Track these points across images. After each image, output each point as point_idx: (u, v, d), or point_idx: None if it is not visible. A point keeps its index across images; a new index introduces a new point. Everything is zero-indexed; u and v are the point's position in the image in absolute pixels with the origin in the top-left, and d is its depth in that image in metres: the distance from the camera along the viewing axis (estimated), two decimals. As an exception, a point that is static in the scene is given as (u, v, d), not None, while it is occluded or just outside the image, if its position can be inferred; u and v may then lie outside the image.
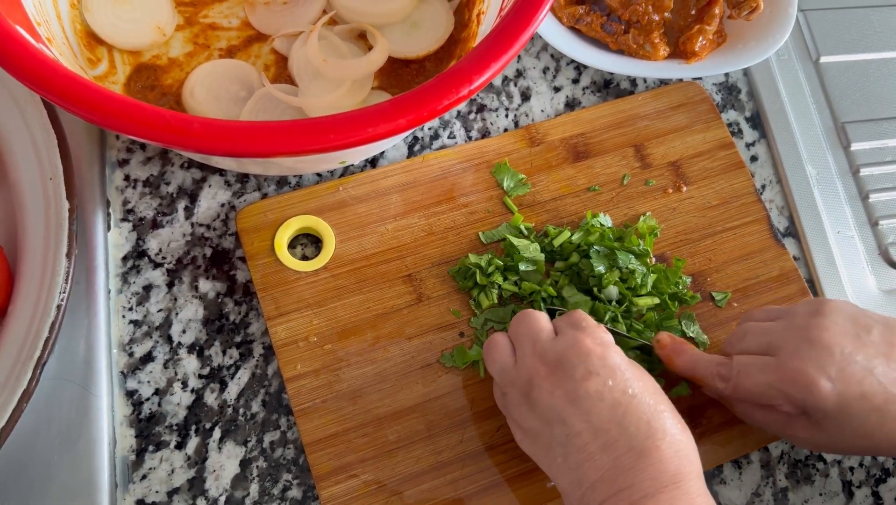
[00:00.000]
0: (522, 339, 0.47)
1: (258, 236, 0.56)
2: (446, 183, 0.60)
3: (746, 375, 0.47)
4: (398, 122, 0.43)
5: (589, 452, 0.42)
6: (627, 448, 0.42)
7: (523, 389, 0.46)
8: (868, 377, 0.44)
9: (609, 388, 0.43)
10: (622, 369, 0.44)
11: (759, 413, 0.49)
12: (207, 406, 0.53)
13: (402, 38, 0.62)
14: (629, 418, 0.42)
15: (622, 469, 0.41)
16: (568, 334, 0.46)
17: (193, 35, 0.62)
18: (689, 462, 0.42)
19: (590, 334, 0.45)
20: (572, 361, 0.44)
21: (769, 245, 0.61)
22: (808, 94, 0.69)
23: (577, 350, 0.44)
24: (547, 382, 0.44)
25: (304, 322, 0.54)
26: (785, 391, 0.46)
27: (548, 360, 0.45)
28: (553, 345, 0.46)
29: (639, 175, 0.62)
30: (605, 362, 0.44)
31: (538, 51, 0.67)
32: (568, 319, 0.48)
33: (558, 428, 0.44)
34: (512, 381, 0.47)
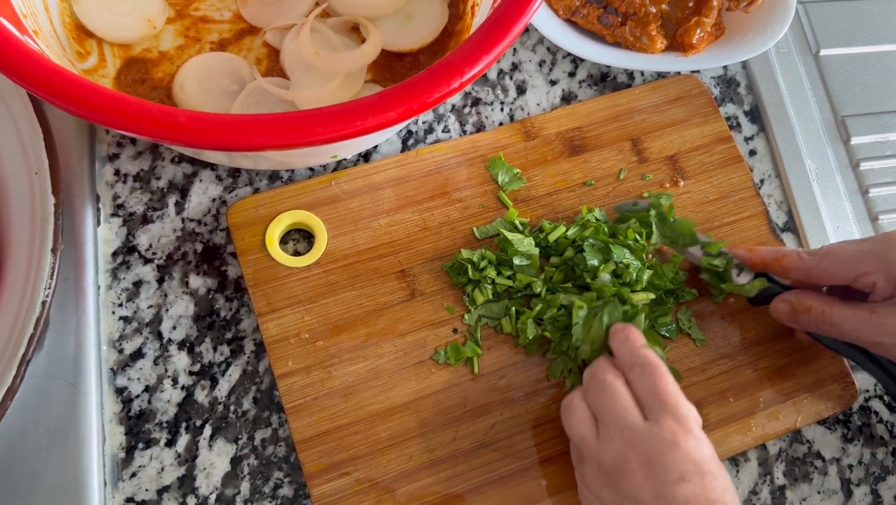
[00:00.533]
0: (605, 414, 0.46)
1: (249, 232, 0.55)
2: (440, 178, 0.59)
3: (841, 247, 0.47)
4: (388, 115, 0.42)
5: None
6: None
7: (607, 470, 0.45)
8: None
9: (696, 494, 0.42)
10: (713, 474, 0.43)
11: (839, 309, 0.48)
12: (198, 403, 0.52)
13: (395, 30, 0.61)
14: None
15: None
16: (663, 427, 0.44)
17: (184, 28, 0.61)
18: None
19: (685, 428, 0.44)
20: (667, 463, 0.43)
21: (767, 240, 0.60)
22: (808, 87, 0.68)
23: (673, 451, 0.43)
24: (637, 476, 0.43)
25: (295, 318, 0.53)
26: (883, 254, 0.45)
27: (640, 451, 0.44)
28: (647, 436, 0.44)
29: (635, 169, 0.61)
30: (700, 468, 0.43)
31: (534, 44, 0.67)
32: (656, 395, 0.45)
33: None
34: (594, 453, 0.46)
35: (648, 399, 0.45)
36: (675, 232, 0.56)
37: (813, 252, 0.49)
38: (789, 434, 0.56)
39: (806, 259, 0.49)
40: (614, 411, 0.45)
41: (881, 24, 0.72)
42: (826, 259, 0.48)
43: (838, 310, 0.48)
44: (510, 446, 0.52)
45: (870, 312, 0.47)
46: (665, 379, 0.46)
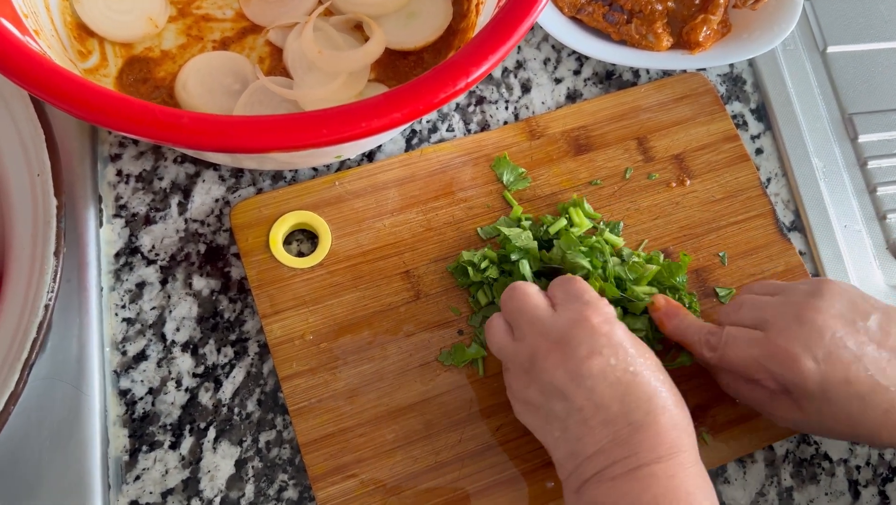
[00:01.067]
0: (517, 316, 0.47)
1: (253, 232, 0.55)
2: (445, 177, 0.58)
3: (734, 346, 0.48)
4: (393, 116, 0.42)
5: (589, 426, 0.43)
6: (626, 423, 0.42)
7: (525, 365, 0.46)
8: (855, 364, 0.44)
9: (612, 366, 0.43)
10: (625, 347, 0.44)
11: (744, 387, 0.49)
12: (202, 405, 0.52)
13: (399, 28, 0.60)
14: (630, 396, 0.43)
15: (620, 442, 0.42)
16: (571, 309, 0.46)
17: (186, 27, 0.60)
18: (686, 435, 0.43)
19: (594, 310, 0.45)
20: (576, 340, 0.44)
21: (774, 240, 0.60)
22: (815, 84, 0.68)
23: (581, 328, 0.44)
24: (550, 360, 0.44)
25: (299, 320, 0.53)
26: (769, 367, 0.46)
27: (551, 337, 0.45)
28: (556, 321, 0.45)
29: (642, 168, 0.61)
30: (611, 340, 0.44)
31: (539, 42, 0.66)
32: (565, 289, 0.47)
33: (559, 403, 0.44)
34: (513, 357, 0.47)
35: (559, 295, 0.47)
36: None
37: (712, 347, 0.49)
38: (797, 435, 0.56)
39: (707, 355, 0.49)
40: (525, 310, 0.47)
41: (889, 21, 0.71)
42: (724, 359, 0.48)
43: (743, 388, 0.50)
44: (516, 448, 0.52)
45: (769, 398, 0.48)
46: (579, 280, 0.48)
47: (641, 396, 0.43)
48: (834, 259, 0.61)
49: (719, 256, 0.59)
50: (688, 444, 0.43)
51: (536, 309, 0.46)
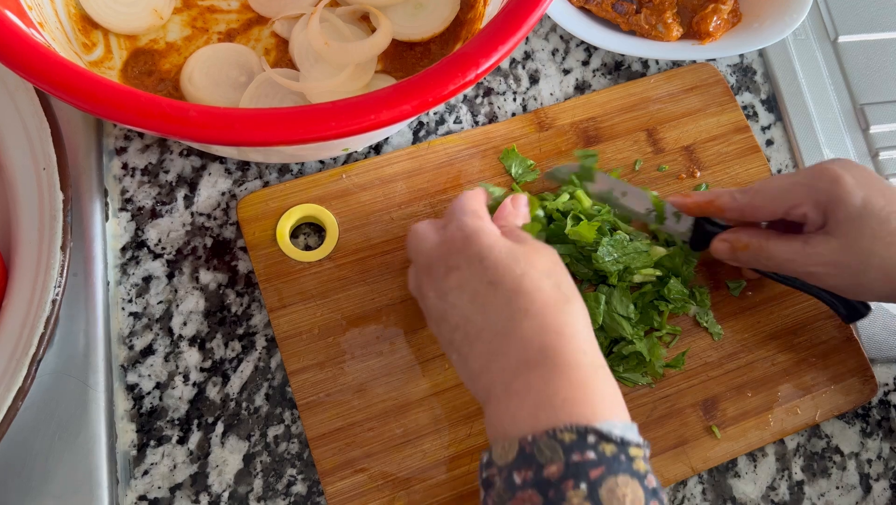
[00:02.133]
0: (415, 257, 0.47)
1: (259, 226, 0.54)
2: (452, 170, 0.58)
3: (770, 182, 0.48)
4: (402, 108, 0.41)
5: (469, 342, 0.42)
6: (493, 334, 0.41)
7: (418, 298, 0.47)
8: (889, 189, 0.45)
9: (468, 279, 0.42)
10: (481, 258, 0.42)
11: (774, 243, 0.48)
12: (209, 400, 0.52)
13: (406, 19, 0.60)
14: (490, 306, 0.41)
15: (493, 354, 0.40)
16: (446, 230, 0.45)
17: (192, 18, 0.60)
18: (557, 335, 0.39)
19: (457, 223, 0.44)
20: (437, 261, 0.44)
21: (785, 232, 0.59)
22: (826, 75, 0.67)
23: (444, 247, 0.44)
24: (425, 287, 0.45)
25: (307, 314, 0.53)
26: (811, 185, 0.46)
27: (422, 266, 0.45)
28: (429, 250, 0.45)
29: (651, 160, 0.60)
30: (465, 254, 0.43)
31: (547, 32, 0.65)
32: (450, 207, 0.47)
33: (443, 326, 0.44)
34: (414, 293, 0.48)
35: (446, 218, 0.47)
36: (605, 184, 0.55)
37: (745, 190, 0.49)
38: (807, 429, 0.55)
39: (738, 198, 0.49)
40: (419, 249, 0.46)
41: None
42: (758, 196, 0.48)
43: (774, 243, 0.48)
44: (525, 443, 0.51)
45: (802, 242, 0.47)
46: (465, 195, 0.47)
47: (500, 303, 0.41)
48: (845, 251, 0.60)
49: (730, 249, 0.58)
50: (563, 345, 0.39)
51: (423, 241, 0.46)
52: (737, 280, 0.57)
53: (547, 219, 0.54)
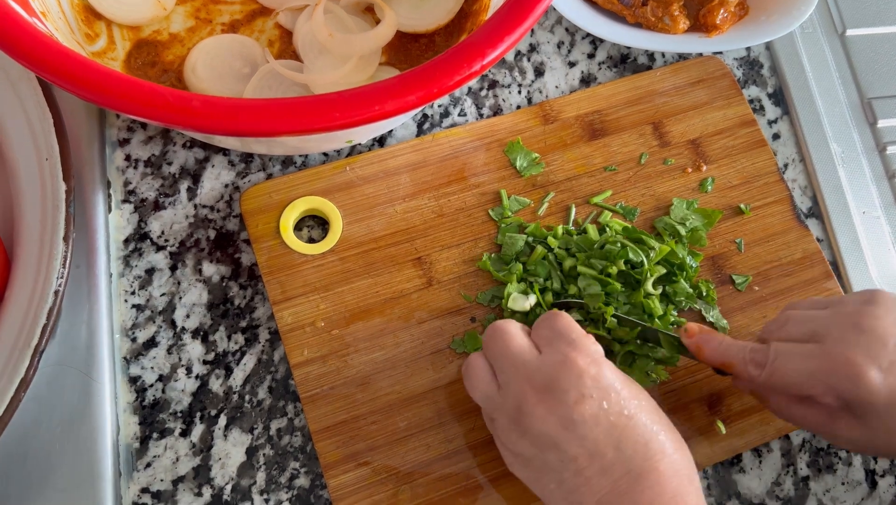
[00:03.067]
0: (501, 360, 0.44)
1: (263, 218, 0.54)
2: (457, 162, 0.58)
3: (786, 362, 0.44)
4: (407, 98, 0.41)
5: (585, 476, 0.40)
6: (625, 471, 0.40)
7: (512, 415, 0.43)
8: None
9: (605, 411, 0.40)
10: (617, 389, 0.41)
11: (797, 408, 0.46)
12: (212, 393, 0.52)
13: (410, 10, 0.59)
14: (626, 441, 0.40)
15: (620, 493, 0.39)
16: (556, 351, 0.42)
17: (195, 9, 0.59)
18: (688, 481, 0.41)
19: (580, 350, 0.42)
20: (564, 385, 0.41)
21: (792, 226, 0.59)
22: (834, 68, 0.66)
23: (567, 371, 0.41)
24: (538, 408, 0.41)
25: (310, 307, 0.52)
26: (829, 381, 0.42)
27: (536, 383, 0.42)
28: (540, 365, 0.42)
29: (657, 154, 0.60)
30: (599, 383, 0.41)
31: (552, 24, 0.65)
32: (550, 327, 0.44)
33: (552, 454, 0.41)
34: (499, 406, 0.44)
35: (543, 334, 0.44)
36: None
37: (759, 364, 0.45)
38: (813, 424, 0.55)
39: (754, 373, 0.45)
40: (508, 353, 0.44)
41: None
42: (775, 375, 0.44)
43: (797, 409, 0.46)
44: (529, 437, 0.51)
45: (827, 417, 0.44)
46: (563, 316, 0.44)
47: (638, 440, 0.40)
48: (852, 246, 0.60)
49: (735, 243, 0.58)
50: (691, 491, 0.40)
51: (521, 352, 0.43)
52: (743, 275, 0.57)
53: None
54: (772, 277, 0.57)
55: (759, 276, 0.57)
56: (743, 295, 0.56)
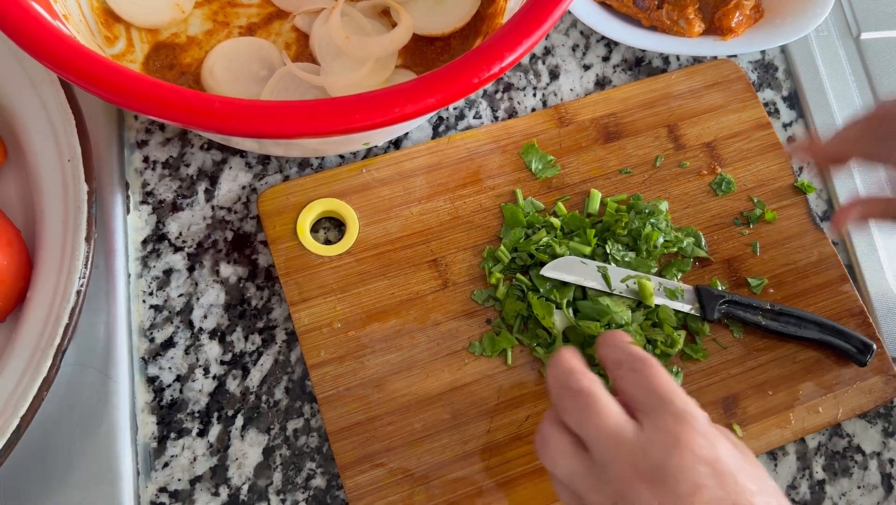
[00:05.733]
0: (594, 437, 0.38)
1: (280, 220, 0.54)
2: (472, 165, 0.58)
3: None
4: (427, 101, 0.41)
5: None
6: None
7: (611, 500, 0.37)
8: None
9: (720, 500, 0.36)
10: (734, 474, 0.37)
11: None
12: (230, 393, 0.52)
13: (426, 14, 0.60)
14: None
15: None
16: (662, 430, 0.37)
17: (213, 12, 0.60)
18: None
19: (690, 427, 0.37)
20: (675, 472, 0.36)
21: (807, 229, 0.59)
22: (849, 72, 0.66)
23: (679, 457, 0.36)
24: (643, 497, 0.36)
25: (327, 308, 0.53)
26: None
27: (642, 469, 0.36)
28: (645, 447, 0.37)
29: (672, 157, 0.60)
30: (717, 469, 0.36)
31: (567, 27, 0.65)
32: (647, 389, 0.39)
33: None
34: (592, 488, 0.38)
35: (640, 398, 0.39)
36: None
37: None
38: (829, 427, 0.55)
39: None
40: (602, 430, 0.38)
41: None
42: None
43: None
44: (545, 439, 0.51)
45: None
46: (656, 371, 0.39)
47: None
48: (868, 249, 0.60)
49: (751, 246, 0.58)
50: None
51: (619, 430, 0.37)
52: (758, 277, 0.57)
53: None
54: (787, 280, 0.57)
55: (775, 279, 0.57)
56: (758, 298, 0.56)
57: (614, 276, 0.54)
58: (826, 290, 0.57)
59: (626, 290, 0.54)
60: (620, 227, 0.55)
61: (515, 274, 0.54)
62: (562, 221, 0.56)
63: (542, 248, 0.54)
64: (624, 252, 0.55)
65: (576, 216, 0.56)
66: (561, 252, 0.54)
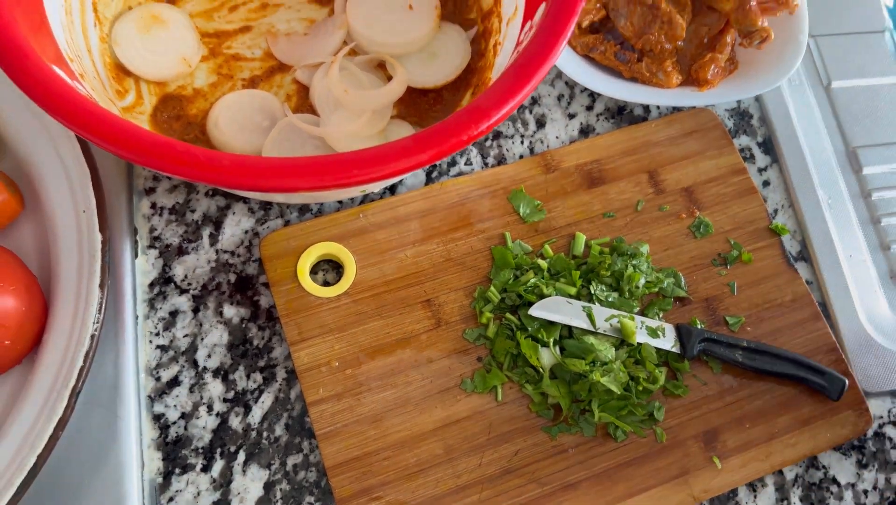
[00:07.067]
0: None
1: (281, 263, 0.57)
2: (464, 209, 0.61)
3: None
4: (419, 157, 0.44)
5: None
6: None
7: None
8: None
9: None
10: None
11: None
12: (232, 430, 0.54)
13: (420, 67, 0.63)
14: None
15: None
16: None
17: (217, 66, 0.63)
18: None
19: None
20: None
21: (782, 270, 0.62)
22: (820, 119, 0.70)
23: None
24: None
25: (326, 347, 0.55)
26: None
27: None
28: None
29: (653, 201, 0.63)
30: None
31: (553, 78, 0.69)
32: None
33: None
34: None
35: None
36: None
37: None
38: (805, 459, 0.57)
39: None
40: None
41: (891, 56, 0.74)
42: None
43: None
44: (533, 472, 0.54)
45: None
46: None
47: None
48: (839, 288, 0.63)
49: (729, 286, 0.61)
50: None
51: None
52: (736, 315, 0.60)
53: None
54: (764, 318, 0.60)
55: (752, 317, 0.60)
56: (735, 336, 0.59)
57: (599, 315, 0.57)
58: (800, 327, 0.60)
59: (610, 328, 0.56)
60: (604, 268, 0.58)
61: (505, 313, 0.57)
62: (549, 263, 0.59)
63: (530, 288, 0.57)
64: (608, 292, 0.58)
65: (562, 258, 0.59)
66: (548, 293, 0.57)
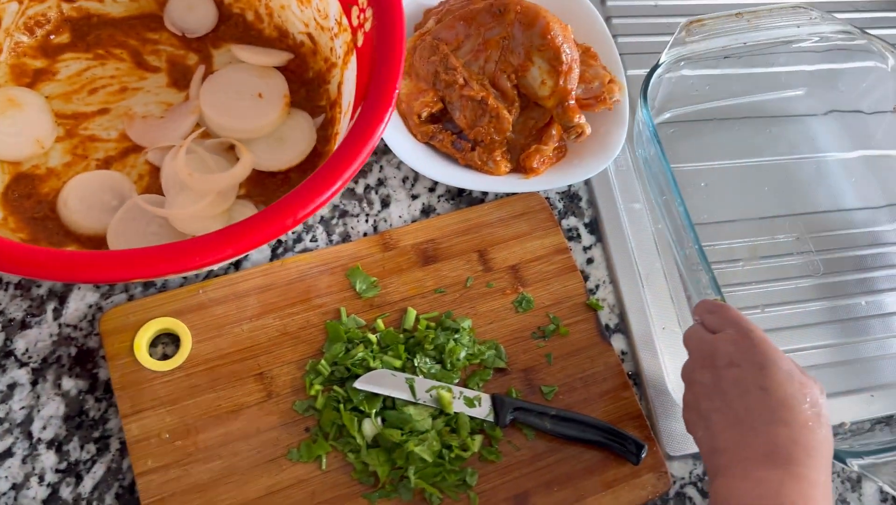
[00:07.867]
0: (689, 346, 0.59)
1: (119, 338, 0.60)
2: (302, 285, 0.65)
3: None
4: (226, 251, 0.49)
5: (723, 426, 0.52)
6: (749, 427, 0.50)
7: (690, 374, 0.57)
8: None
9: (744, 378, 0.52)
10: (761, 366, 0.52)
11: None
12: (62, 500, 0.57)
13: (267, 152, 0.68)
14: (755, 406, 0.51)
15: (742, 443, 0.50)
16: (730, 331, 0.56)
17: (73, 146, 0.67)
18: (805, 453, 0.49)
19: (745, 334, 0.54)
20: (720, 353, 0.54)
21: (596, 342, 0.68)
22: (643, 201, 0.77)
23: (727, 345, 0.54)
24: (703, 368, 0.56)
25: (157, 419, 0.58)
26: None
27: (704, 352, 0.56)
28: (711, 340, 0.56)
29: (481, 278, 0.69)
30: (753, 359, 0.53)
31: (399, 162, 0.74)
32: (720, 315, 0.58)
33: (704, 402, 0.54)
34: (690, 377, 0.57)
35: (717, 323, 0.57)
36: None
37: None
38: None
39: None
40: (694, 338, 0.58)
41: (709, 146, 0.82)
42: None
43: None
44: (352, 537, 0.58)
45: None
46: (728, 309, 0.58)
47: (765, 407, 0.51)
48: (651, 358, 0.69)
49: (546, 357, 0.66)
50: (810, 463, 0.49)
51: (706, 336, 0.57)
52: (550, 385, 0.65)
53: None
54: (576, 387, 0.66)
55: (565, 386, 0.66)
56: (550, 403, 0.65)
57: (420, 387, 0.61)
58: (609, 395, 0.66)
59: (429, 399, 0.61)
60: (428, 342, 0.63)
61: (334, 386, 0.61)
62: (379, 337, 0.64)
63: (357, 362, 0.62)
64: (431, 365, 0.63)
65: (391, 332, 0.64)
66: (375, 365, 0.61)
